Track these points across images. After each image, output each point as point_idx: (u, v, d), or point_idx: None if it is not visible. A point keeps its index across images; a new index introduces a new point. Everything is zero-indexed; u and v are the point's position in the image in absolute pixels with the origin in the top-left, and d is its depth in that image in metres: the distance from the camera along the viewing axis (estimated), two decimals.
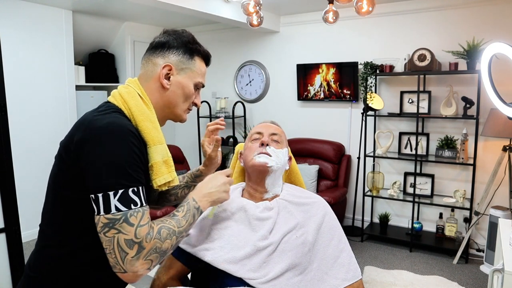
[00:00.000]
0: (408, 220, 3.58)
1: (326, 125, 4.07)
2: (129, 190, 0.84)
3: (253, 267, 1.10)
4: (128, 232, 0.83)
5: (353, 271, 1.17)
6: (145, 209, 0.87)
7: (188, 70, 1.04)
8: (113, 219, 0.82)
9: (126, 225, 0.83)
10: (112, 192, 0.83)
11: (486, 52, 2.37)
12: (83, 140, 0.87)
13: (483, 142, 3.26)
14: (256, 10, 2.40)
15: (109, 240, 0.83)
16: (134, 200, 0.85)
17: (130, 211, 0.84)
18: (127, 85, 1.02)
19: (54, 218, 0.97)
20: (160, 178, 0.97)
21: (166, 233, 0.89)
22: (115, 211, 0.82)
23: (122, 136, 0.87)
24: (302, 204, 1.25)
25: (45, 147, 3.58)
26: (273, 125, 1.35)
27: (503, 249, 1.63)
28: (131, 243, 0.83)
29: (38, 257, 0.98)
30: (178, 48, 1.03)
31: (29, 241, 3.48)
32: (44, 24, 3.56)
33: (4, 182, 1.93)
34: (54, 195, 0.96)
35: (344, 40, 3.85)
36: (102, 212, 0.83)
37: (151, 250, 0.85)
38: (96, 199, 0.83)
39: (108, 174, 0.83)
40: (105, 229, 0.83)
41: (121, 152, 0.86)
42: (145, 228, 0.85)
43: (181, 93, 1.04)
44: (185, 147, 4.77)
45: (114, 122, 0.89)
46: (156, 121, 1.00)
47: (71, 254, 0.94)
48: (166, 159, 0.99)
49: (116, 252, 0.82)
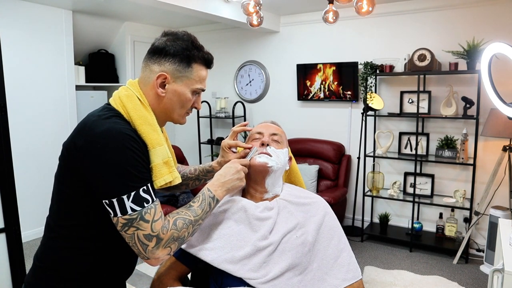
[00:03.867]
0: (408, 220, 3.58)
1: (326, 125, 4.07)
2: (140, 190, 0.91)
3: (253, 267, 1.10)
4: (145, 228, 0.91)
5: (353, 271, 1.17)
6: (156, 203, 0.95)
7: (184, 78, 1.03)
8: (130, 219, 0.91)
9: (143, 222, 0.91)
10: (126, 196, 0.90)
11: (486, 52, 2.37)
12: (85, 148, 0.92)
13: (483, 142, 3.26)
14: (256, 10, 2.40)
15: (130, 237, 0.92)
16: (146, 199, 0.93)
17: (144, 209, 0.92)
18: (127, 88, 1.04)
19: (59, 213, 1.01)
20: (160, 180, 1.00)
21: (182, 223, 0.97)
22: (131, 211, 0.90)
23: (122, 141, 0.91)
24: (302, 204, 1.25)
25: (45, 147, 3.58)
26: (273, 125, 1.35)
27: (503, 249, 1.63)
28: (149, 236, 0.92)
29: (45, 248, 1.02)
30: (174, 56, 1.01)
31: (29, 241, 3.49)
32: (44, 24, 3.56)
33: (4, 182, 1.93)
34: (58, 192, 1.01)
35: (344, 40, 3.85)
36: (119, 214, 0.90)
37: (169, 239, 0.94)
38: (111, 203, 0.90)
39: (118, 180, 0.90)
40: (125, 228, 0.91)
41: (123, 157, 0.90)
42: (159, 222, 0.94)
43: (177, 101, 1.05)
44: (185, 147, 4.77)
45: (113, 128, 0.92)
46: (155, 123, 1.01)
47: (75, 246, 0.99)
48: (166, 160, 1.01)
49: (138, 245, 0.92)
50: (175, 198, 3.46)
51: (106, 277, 1.04)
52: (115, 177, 0.89)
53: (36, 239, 3.55)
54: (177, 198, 3.48)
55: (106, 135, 0.90)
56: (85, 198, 0.95)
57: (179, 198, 3.50)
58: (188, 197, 3.57)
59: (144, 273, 2.91)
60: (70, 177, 0.96)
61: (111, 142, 0.90)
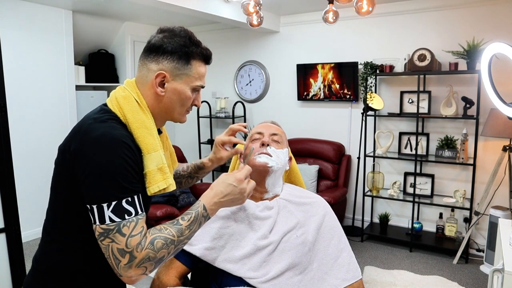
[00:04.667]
0: (408, 220, 3.58)
1: (326, 125, 4.07)
2: (122, 201, 0.87)
3: (253, 267, 1.10)
4: (120, 242, 0.86)
5: (353, 271, 1.18)
6: (139, 217, 0.89)
7: (184, 76, 0.99)
8: (107, 229, 0.86)
9: (119, 235, 0.86)
10: (106, 204, 0.85)
11: (486, 52, 2.37)
12: (78, 151, 0.89)
13: (483, 142, 3.26)
14: (256, 10, 2.40)
15: (105, 248, 0.87)
16: (128, 210, 0.87)
17: (123, 221, 0.86)
18: (124, 88, 1.00)
19: (55, 216, 1.00)
20: (153, 186, 0.96)
21: (161, 244, 0.89)
22: (109, 221, 0.86)
23: (114, 148, 0.88)
24: (302, 204, 1.25)
25: (45, 147, 3.58)
26: (273, 125, 1.35)
27: (503, 249, 1.63)
28: (123, 252, 0.86)
29: (43, 251, 1.01)
30: (172, 54, 0.97)
31: (29, 241, 3.49)
32: (44, 24, 3.56)
33: (4, 182, 1.93)
34: (55, 195, 0.99)
35: (344, 40, 3.85)
36: (97, 222, 0.86)
37: (143, 259, 0.87)
38: (91, 209, 0.87)
39: (101, 186, 0.86)
40: (101, 237, 0.87)
41: (113, 164, 0.87)
42: (136, 238, 0.87)
43: (177, 99, 1.01)
44: (185, 147, 4.77)
45: (108, 133, 0.89)
46: (152, 127, 0.98)
47: (72, 248, 0.98)
48: (161, 166, 0.97)
49: (112, 259, 0.86)
50: (175, 198, 3.46)
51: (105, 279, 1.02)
52: (99, 183, 0.86)
53: (36, 239, 3.55)
54: (177, 198, 3.48)
55: (100, 140, 0.88)
56: (80, 202, 0.92)
57: (179, 198, 3.49)
58: (188, 197, 3.57)
59: None
60: (65, 181, 0.94)
61: (103, 148, 0.87)
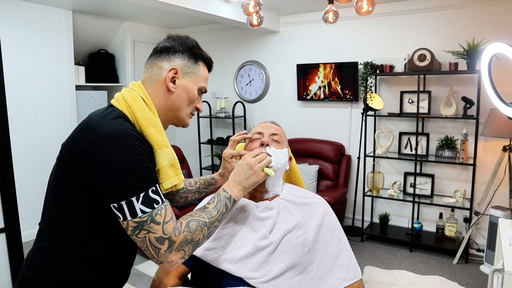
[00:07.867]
0: (408, 220, 3.58)
1: (326, 125, 4.07)
2: (148, 191, 0.89)
3: (253, 267, 1.10)
4: (157, 231, 0.88)
5: (353, 271, 1.18)
6: (166, 204, 0.92)
7: (192, 74, 1.05)
8: (141, 221, 0.87)
9: (154, 225, 0.88)
10: (135, 198, 0.87)
11: (486, 52, 2.37)
12: (89, 150, 0.88)
13: (483, 142, 3.26)
14: (256, 10, 2.40)
15: (141, 240, 0.89)
16: (155, 200, 0.90)
17: (154, 211, 0.89)
18: (130, 89, 1.02)
19: (53, 218, 0.97)
20: (167, 182, 0.98)
21: (195, 225, 0.94)
22: (141, 214, 0.87)
23: (127, 142, 0.88)
24: (302, 204, 1.25)
25: (45, 147, 3.57)
26: (273, 125, 1.35)
27: (503, 249, 1.63)
28: (161, 239, 0.89)
29: (36, 256, 0.98)
30: (183, 53, 1.04)
31: (29, 241, 3.48)
32: (44, 24, 3.56)
33: (4, 182, 1.93)
34: (54, 195, 0.97)
35: (344, 40, 3.85)
36: (129, 217, 0.87)
37: (182, 242, 0.91)
38: (120, 207, 0.87)
39: (125, 182, 0.87)
40: (136, 231, 0.88)
41: (129, 158, 0.87)
42: (170, 224, 0.91)
43: (185, 97, 1.05)
44: (185, 147, 4.77)
45: (118, 129, 0.89)
46: (160, 125, 1.00)
47: (69, 254, 0.95)
48: (173, 162, 0.99)
49: (150, 249, 0.89)
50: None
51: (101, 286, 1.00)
52: (122, 179, 0.86)
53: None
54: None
55: (112, 136, 0.87)
56: (85, 202, 0.91)
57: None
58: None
59: (144, 273, 2.91)
60: (69, 180, 0.92)
61: (117, 143, 0.87)
